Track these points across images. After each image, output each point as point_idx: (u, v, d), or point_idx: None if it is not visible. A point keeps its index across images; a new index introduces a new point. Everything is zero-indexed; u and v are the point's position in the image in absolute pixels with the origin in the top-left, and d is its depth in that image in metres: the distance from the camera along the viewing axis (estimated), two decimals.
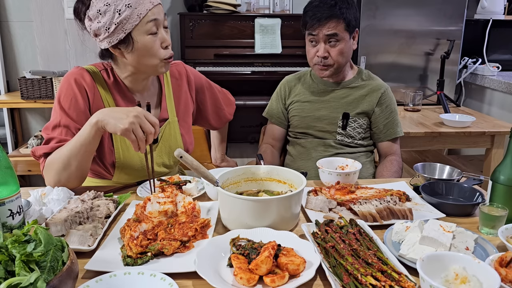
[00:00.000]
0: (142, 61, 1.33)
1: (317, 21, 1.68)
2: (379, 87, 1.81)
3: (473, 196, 1.25)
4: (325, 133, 1.82)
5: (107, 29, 1.26)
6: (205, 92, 1.66)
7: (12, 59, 3.25)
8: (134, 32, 1.27)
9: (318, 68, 1.76)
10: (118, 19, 1.24)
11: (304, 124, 1.84)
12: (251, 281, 0.85)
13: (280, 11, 3.42)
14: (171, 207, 1.12)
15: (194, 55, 3.20)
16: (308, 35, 1.75)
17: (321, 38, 1.70)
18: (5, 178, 0.90)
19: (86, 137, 1.23)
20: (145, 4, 1.26)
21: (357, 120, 1.79)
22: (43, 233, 0.76)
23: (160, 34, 1.31)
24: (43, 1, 2.94)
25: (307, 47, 1.78)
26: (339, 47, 1.70)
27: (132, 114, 1.18)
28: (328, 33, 1.68)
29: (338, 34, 1.68)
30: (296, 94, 1.88)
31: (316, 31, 1.70)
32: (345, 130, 1.80)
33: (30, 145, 2.98)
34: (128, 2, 1.24)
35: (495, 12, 3.19)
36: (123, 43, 1.29)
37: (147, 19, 1.27)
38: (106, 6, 1.24)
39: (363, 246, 0.95)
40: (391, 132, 1.81)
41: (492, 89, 3.00)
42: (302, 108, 1.84)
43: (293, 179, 1.21)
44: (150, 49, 1.30)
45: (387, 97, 1.81)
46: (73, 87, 1.34)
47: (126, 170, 1.44)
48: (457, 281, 0.81)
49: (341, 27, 1.68)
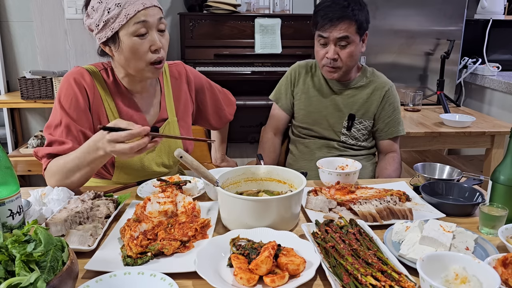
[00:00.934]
0: (129, 63, 1.32)
1: (329, 21, 1.64)
2: (383, 84, 1.80)
3: (473, 196, 1.25)
4: (330, 131, 1.82)
5: (97, 25, 1.28)
6: (205, 92, 1.66)
7: (12, 59, 3.25)
8: (121, 32, 1.27)
9: (326, 69, 1.74)
10: (106, 17, 1.26)
11: (310, 119, 1.83)
12: (251, 281, 0.85)
13: (280, 11, 3.42)
14: (171, 207, 1.12)
15: (194, 55, 3.20)
16: (318, 36, 1.71)
17: (331, 39, 1.67)
18: (5, 178, 0.90)
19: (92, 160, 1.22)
20: (135, 5, 1.26)
21: (363, 122, 1.79)
22: (43, 233, 0.76)
23: (150, 37, 1.29)
24: (43, 1, 2.94)
25: (316, 48, 1.75)
26: (349, 50, 1.68)
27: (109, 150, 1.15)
28: (340, 35, 1.65)
29: (349, 36, 1.65)
30: (304, 85, 1.86)
31: (327, 33, 1.67)
32: (350, 131, 1.79)
33: (30, 145, 2.97)
34: (118, 2, 1.25)
35: (495, 12, 3.19)
36: (111, 42, 1.30)
37: (135, 20, 1.26)
38: (99, 4, 1.27)
39: (363, 246, 0.95)
40: (392, 130, 1.81)
41: (492, 89, 3.00)
42: (309, 103, 1.84)
43: (293, 179, 1.21)
44: (135, 51, 1.28)
45: (390, 95, 1.80)
46: (73, 86, 1.34)
47: (125, 170, 1.44)
48: (457, 281, 0.81)
49: (353, 29, 1.65)
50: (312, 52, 3.30)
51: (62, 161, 1.27)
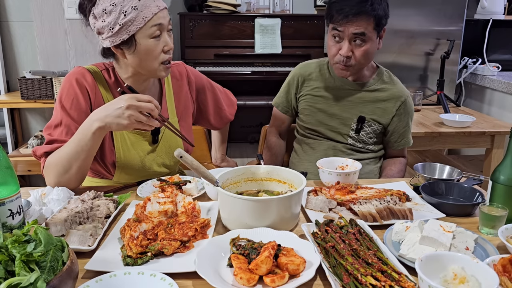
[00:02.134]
0: (143, 64, 1.33)
1: (345, 17, 1.50)
2: (400, 94, 1.70)
3: (473, 196, 1.25)
4: (337, 134, 1.72)
5: (111, 28, 1.26)
6: (206, 92, 1.66)
7: (12, 59, 3.25)
8: (138, 35, 1.27)
9: (338, 67, 1.61)
10: (123, 20, 1.24)
11: (314, 120, 1.74)
12: (251, 281, 0.85)
13: (280, 11, 3.42)
14: (171, 207, 1.12)
15: (194, 55, 3.21)
16: (332, 30, 1.57)
17: (346, 35, 1.53)
18: (5, 178, 0.90)
19: (87, 142, 1.23)
20: (151, 8, 1.26)
21: (372, 125, 1.70)
22: (43, 233, 0.76)
23: (163, 38, 1.31)
24: (43, 1, 2.94)
25: (329, 42, 1.61)
26: (364, 48, 1.55)
27: (125, 106, 1.18)
28: (356, 31, 1.51)
29: (366, 33, 1.52)
30: (310, 87, 1.76)
31: (342, 27, 1.52)
32: (358, 134, 1.70)
33: (30, 145, 2.98)
34: (135, 5, 1.24)
35: (495, 12, 3.19)
36: (125, 44, 1.29)
37: (152, 22, 1.27)
38: (112, 6, 1.24)
39: (363, 246, 0.96)
40: (404, 141, 1.75)
41: (492, 89, 3.00)
42: (314, 102, 1.74)
43: (293, 179, 1.21)
44: (151, 53, 1.30)
45: (406, 107, 1.70)
46: (75, 87, 1.34)
47: (126, 170, 1.44)
48: (456, 281, 0.81)
49: (371, 26, 1.52)
50: (312, 52, 3.32)
51: (59, 153, 1.27)
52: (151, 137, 1.47)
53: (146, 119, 1.20)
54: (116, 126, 1.20)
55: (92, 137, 1.22)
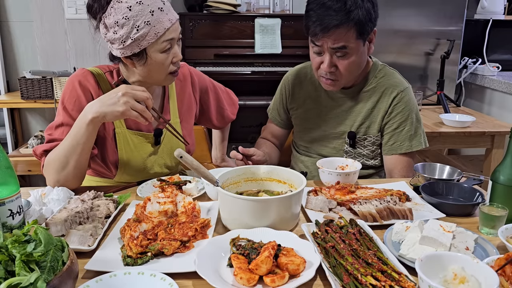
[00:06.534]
0: (151, 74, 1.34)
1: (321, 31, 1.35)
2: (394, 87, 1.52)
3: (473, 196, 1.25)
4: (331, 149, 1.59)
5: (123, 42, 1.25)
6: (209, 93, 1.66)
7: (12, 59, 3.25)
8: (149, 49, 1.27)
9: (323, 81, 1.48)
10: (136, 35, 1.23)
11: (308, 137, 1.63)
12: (251, 281, 0.85)
13: (280, 11, 3.42)
14: (171, 207, 1.12)
15: (194, 55, 3.20)
16: (311, 42, 1.43)
17: (326, 49, 1.40)
18: (5, 178, 0.90)
19: (82, 135, 1.23)
20: (163, 23, 1.25)
21: (368, 138, 1.54)
22: (43, 233, 0.76)
23: (173, 50, 1.32)
24: (43, 1, 2.94)
25: (311, 54, 1.47)
26: (348, 61, 1.40)
27: (121, 94, 1.20)
28: (335, 46, 1.37)
29: (348, 46, 1.37)
30: (299, 97, 1.65)
31: (319, 42, 1.38)
32: (355, 149, 1.55)
33: (30, 145, 2.98)
34: (148, 20, 1.23)
35: (495, 12, 3.19)
36: (136, 56, 1.29)
37: (164, 38, 1.27)
38: (125, 20, 1.22)
39: (363, 246, 0.95)
40: (399, 145, 1.51)
41: (492, 89, 3.01)
42: (305, 117, 1.63)
43: (293, 179, 1.21)
44: (161, 66, 1.31)
45: (401, 101, 1.50)
46: (77, 89, 1.35)
47: (128, 170, 1.45)
48: (456, 281, 0.81)
49: (352, 37, 1.35)
50: None
51: (57, 150, 1.28)
52: (153, 138, 1.47)
53: (141, 108, 1.21)
54: (111, 115, 1.20)
55: (87, 129, 1.22)
